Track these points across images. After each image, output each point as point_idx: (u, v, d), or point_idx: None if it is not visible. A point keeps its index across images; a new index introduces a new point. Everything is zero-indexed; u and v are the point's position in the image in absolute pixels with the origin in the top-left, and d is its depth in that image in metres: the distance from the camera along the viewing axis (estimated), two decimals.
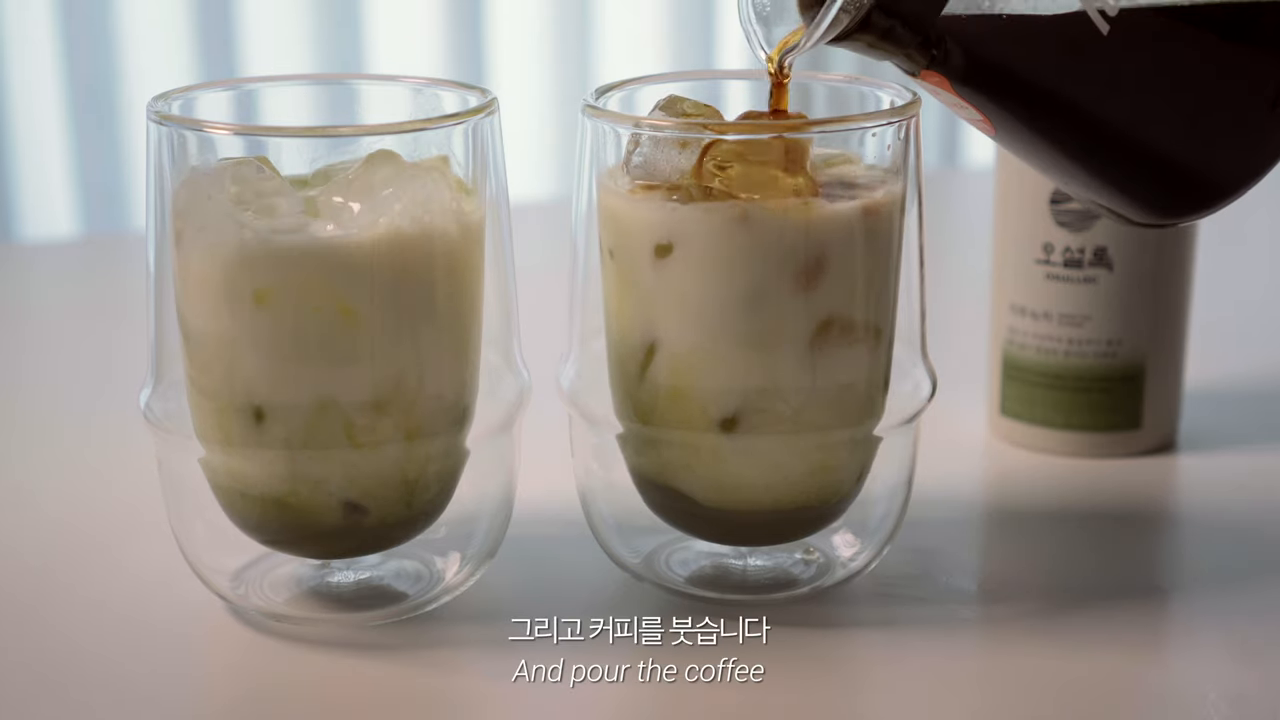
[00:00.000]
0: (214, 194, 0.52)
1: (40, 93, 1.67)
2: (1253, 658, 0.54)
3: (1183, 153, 0.50)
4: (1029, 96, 0.50)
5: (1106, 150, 0.51)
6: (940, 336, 0.67)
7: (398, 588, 0.58)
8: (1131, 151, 0.50)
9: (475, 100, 0.55)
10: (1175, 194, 0.51)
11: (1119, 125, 0.50)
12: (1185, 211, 0.52)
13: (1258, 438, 0.73)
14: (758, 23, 0.54)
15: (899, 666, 0.54)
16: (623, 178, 0.54)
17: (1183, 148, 0.50)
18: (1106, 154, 0.51)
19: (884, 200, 0.54)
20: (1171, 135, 0.50)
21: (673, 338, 0.54)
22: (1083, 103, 0.50)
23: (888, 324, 0.56)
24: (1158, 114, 0.50)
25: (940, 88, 0.50)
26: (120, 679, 0.53)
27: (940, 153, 1.99)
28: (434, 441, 0.55)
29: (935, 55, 0.49)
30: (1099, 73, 0.49)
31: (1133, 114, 0.50)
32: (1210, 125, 0.50)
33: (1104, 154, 0.51)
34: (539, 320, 0.64)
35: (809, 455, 0.55)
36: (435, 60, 1.77)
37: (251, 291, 0.52)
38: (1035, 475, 0.69)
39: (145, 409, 0.56)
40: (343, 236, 0.52)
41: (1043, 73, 0.49)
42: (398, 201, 0.52)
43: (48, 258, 1.12)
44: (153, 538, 0.61)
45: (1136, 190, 0.51)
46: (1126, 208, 0.52)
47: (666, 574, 0.59)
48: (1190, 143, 0.50)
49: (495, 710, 0.52)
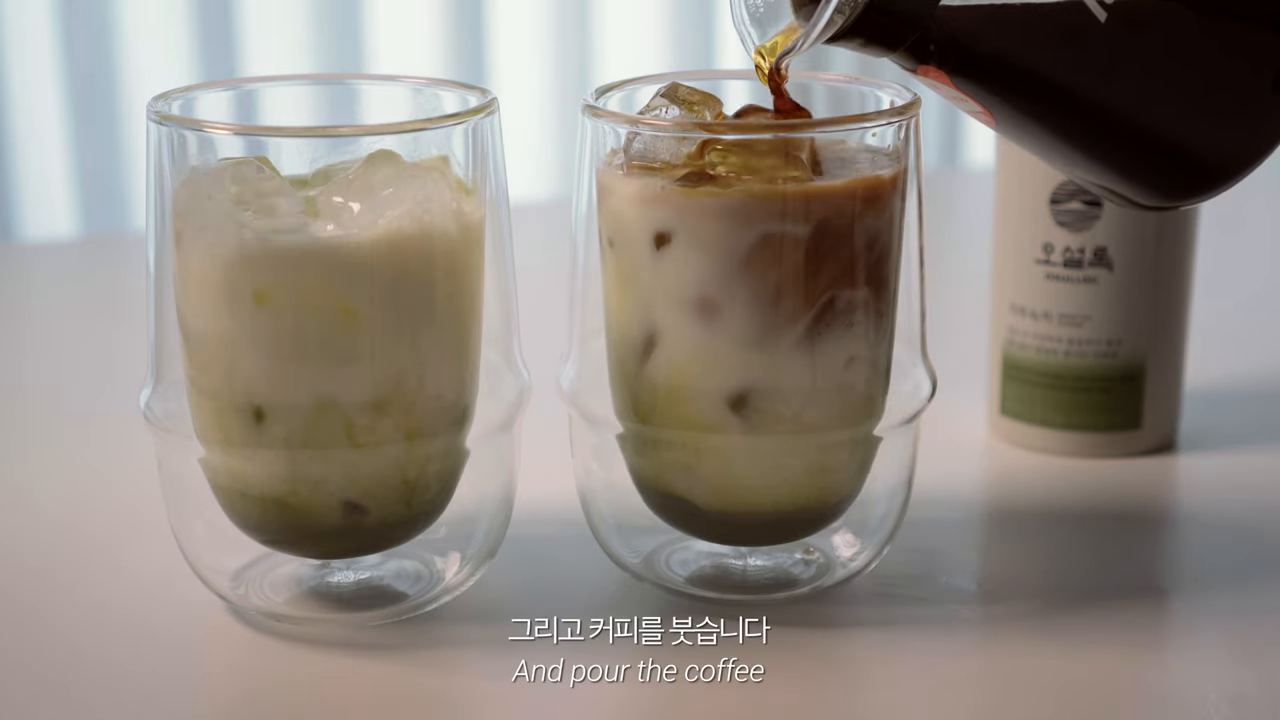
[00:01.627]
0: (214, 194, 0.52)
1: (40, 93, 1.67)
2: (1253, 658, 0.54)
3: (1184, 136, 0.50)
4: (1028, 87, 0.50)
5: (1108, 136, 0.51)
6: (940, 336, 0.67)
7: (398, 588, 0.58)
8: (1132, 137, 0.50)
9: (475, 100, 0.55)
10: (1178, 177, 0.51)
11: (1119, 111, 0.50)
12: (1189, 194, 0.52)
13: (1258, 438, 0.73)
14: (752, 24, 0.54)
15: (899, 666, 0.54)
16: (620, 162, 0.54)
17: (1184, 131, 0.50)
18: (1108, 140, 0.51)
19: (886, 179, 0.54)
20: (1172, 120, 0.50)
21: (672, 328, 0.54)
22: (1082, 90, 0.50)
23: (888, 309, 0.56)
24: (1158, 99, 0.50)
25: (939, 82, 0.50)
26: (120, 679, 0.53)
27: (940, 153, 1.99)
28: (434, 441, 0.55)
29: (932, 50, 0.49)
30: (1097, 60, 0.49)
31: (1133, 99, 0.50)
32: (1211, 108, 0.50)
33: (1106, 140, 0.51)
34: (539, 320, 0.64)
35: (809, 455, 0.55)
36: (435, 60, 1.77)
37: (251, 291, 0.52)
38: (1035, 475, 0.69)
39: (145, 409, 0.56)
40: (343, 236, 0.52)
41: (1041, 62, 0.49)
42: (398, 202, 0.52)
43: (48, 258, 1.12)
44: (153, 538, 0.61)
45: (1139, 174, 0.51)
46: (1131, 191, 0.52)
47: (666, 574, 0.59)
48: (1191, 126, 0.50)
49: (495, 710, 0.52)
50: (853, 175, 0.53)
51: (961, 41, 0.49)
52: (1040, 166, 0.68)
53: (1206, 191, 0.51)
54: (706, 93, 0.55)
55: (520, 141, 1.78)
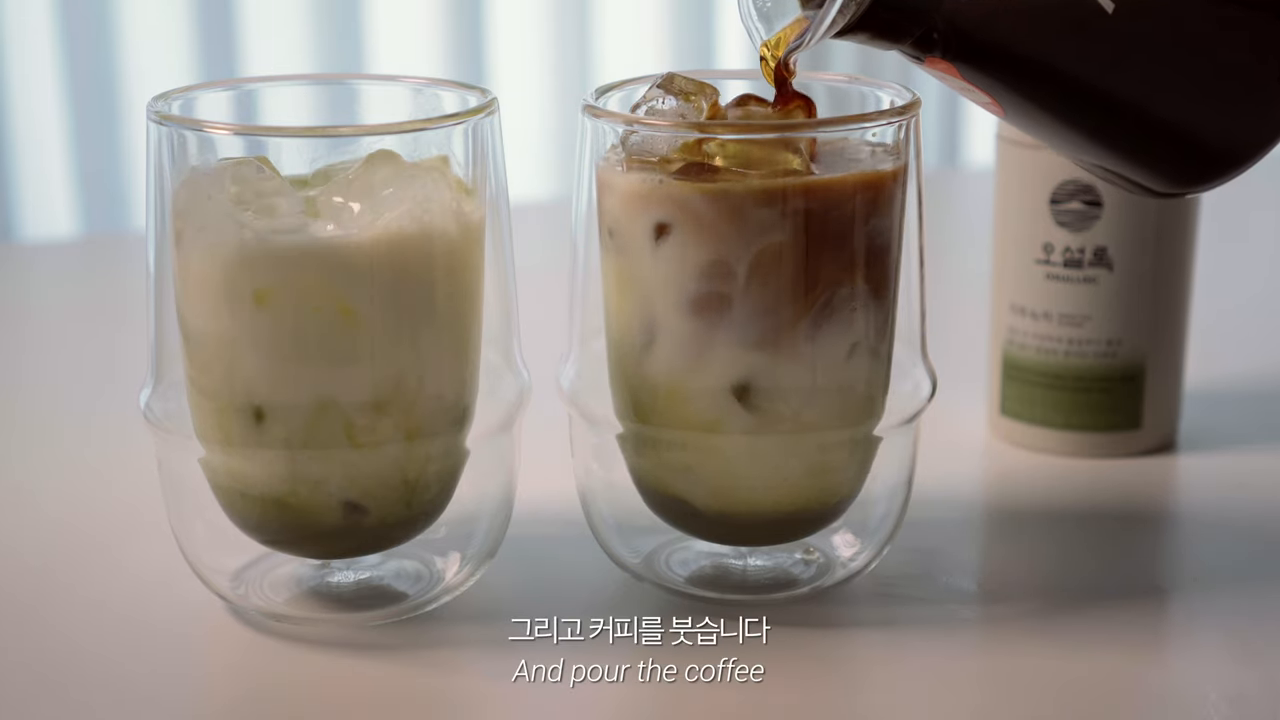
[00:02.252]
0: (214, 194, 0.52)
1: (40, 93, 1.67)
2: (1253, 658, 0.54)
3: (1192, 124, 0.50)
4: (1035, 77, 0.50)
5: (1116, 124, 0.51)
6: (940, 336, 0.67)
7: (398, 588, 0.58)
8: (1140, 125, 0.51)
9: (475, 100, 0.55)
10: (1188, 163, 0.51)
11: (1127, 100, 0.50)
12: (1199, 180, 0.52)
13: (1258, 438, 0.73)
14: (759, 19, 0.54)
15: (899, 666, 0.54)
16: (619, 158, 0.54)
17: (1192, 119, 0.50)
18: (1117, 128, 0.51)
19: (887, 173, 0.54)
20: (1180, 107, 0.50)
21: (672, 325, 0.54)
22: (1090, 79, 0.50)
23: (888, 307, 0.56)
24: (1165, 87, 0.50)
25: (947, 74, 0.51)
26: (120, 679, 0.53)
27: (940, 153, 1.99)
28: (434, 441, 0.55)
29: (938, 41, 0.49)
30: (1105, 50, 0.49)
31: (1140, 88, 0.50)
32: (1219, 96, 0.50)
33: (1114, 128, 0.51)
34: (539, 320, 0.64)
35: (809, 455, 0.55)
36: (435, 60, 1.77)
37: (251, 291, 0.52)
38: (1035, 475, 0.69)
39: (145, 409, 0.56)
40: (343, 236, 0.52)
41: (1048, 53, 0.50)
42: (398, 202, 0.52)
43: (48, 258, 1.12)
44: (153, 538, 0.61)
45: (1149, 161, 0.51)
46: (1142, 177, 0.52)
47: (666, 574, 0.59)
48: (1199, 114, 0.50)
49: (495, 710, 0.52)
50: (853, 169, 0.53)
51: (968, 33, 0.49)
52: (1040, 166, 0.68)
53: (1217, 178, 0.52)
54: (702, 82, 0.55)
55: (520, 141, 1.77)
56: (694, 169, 0.52)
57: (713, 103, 0.55)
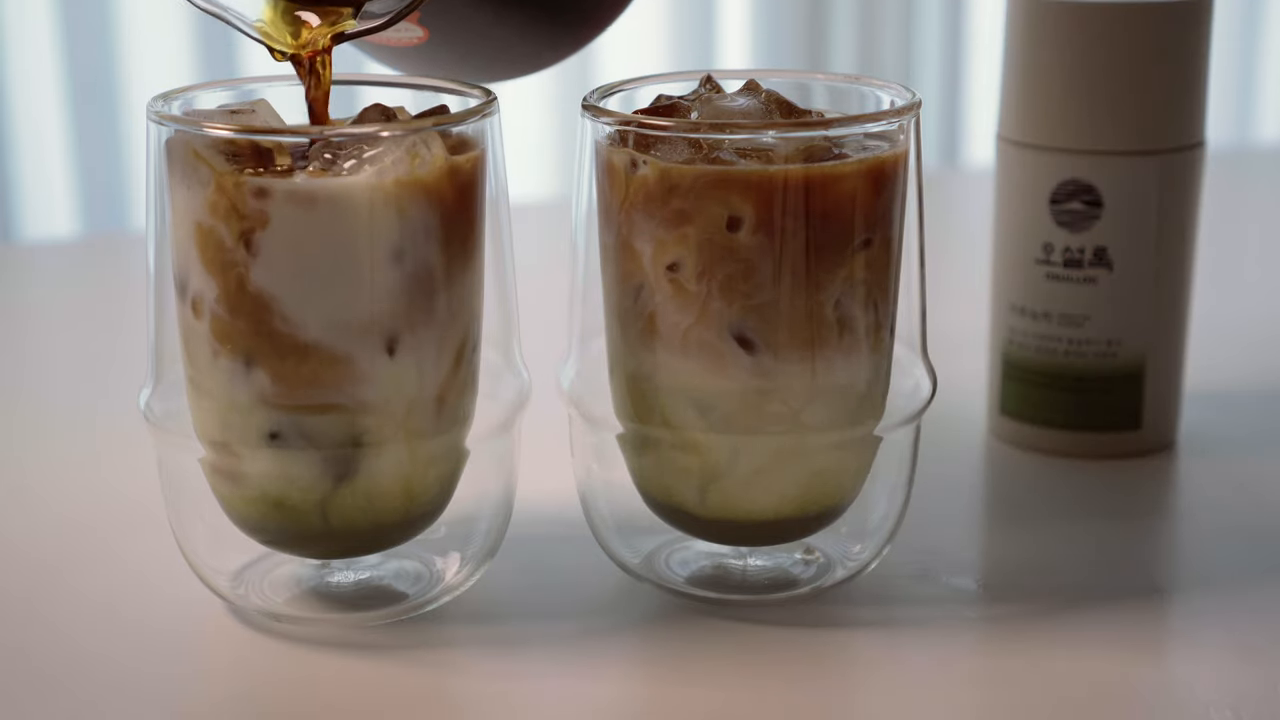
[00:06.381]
0: None
1: (40, 92, 1.67)
2: (1253, 658, 0.54)
3: None
4: None
5: None
6: (940, 336, 0.67)
7: (398, 588, 0.58)
8: None
9: (475, 100, 0.55)
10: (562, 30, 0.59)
11: None
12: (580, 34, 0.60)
13: (1258, 438, 0.73)
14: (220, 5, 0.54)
15: (899, 666, 0.54)
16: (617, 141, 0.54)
17: None
18: None
19: (887, 170, 0.54)
20: None
21: (662, 291, 0.54)
22: None
23: (889, 305, 0.56)
24: None
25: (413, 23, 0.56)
26: (120, 679, 0.53)
27: (940, 153, 1.99)
28: (434, 441, 0.55)
29: None
30: None
31: None
32: None
33: None
34: (539, 320, 0.64)
35: (809, 455, 0.55)
36: None
37: None
38: (1035, 475, 0.69)
39: (145, 409, 0.56)
40: None
41: None
42: None
43: (48, 258, 1.12)
44: (153, 538, 0.61)
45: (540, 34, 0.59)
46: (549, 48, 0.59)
47: (666, 574, 0.59)
48: None
49: (495, 710, 0.52)
50: (858, 154, 0.53)
51: None
52: (1040, 166, 0.68)
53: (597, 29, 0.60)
54: None
55: (520, 141, 1.77)
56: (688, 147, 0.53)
57: None
